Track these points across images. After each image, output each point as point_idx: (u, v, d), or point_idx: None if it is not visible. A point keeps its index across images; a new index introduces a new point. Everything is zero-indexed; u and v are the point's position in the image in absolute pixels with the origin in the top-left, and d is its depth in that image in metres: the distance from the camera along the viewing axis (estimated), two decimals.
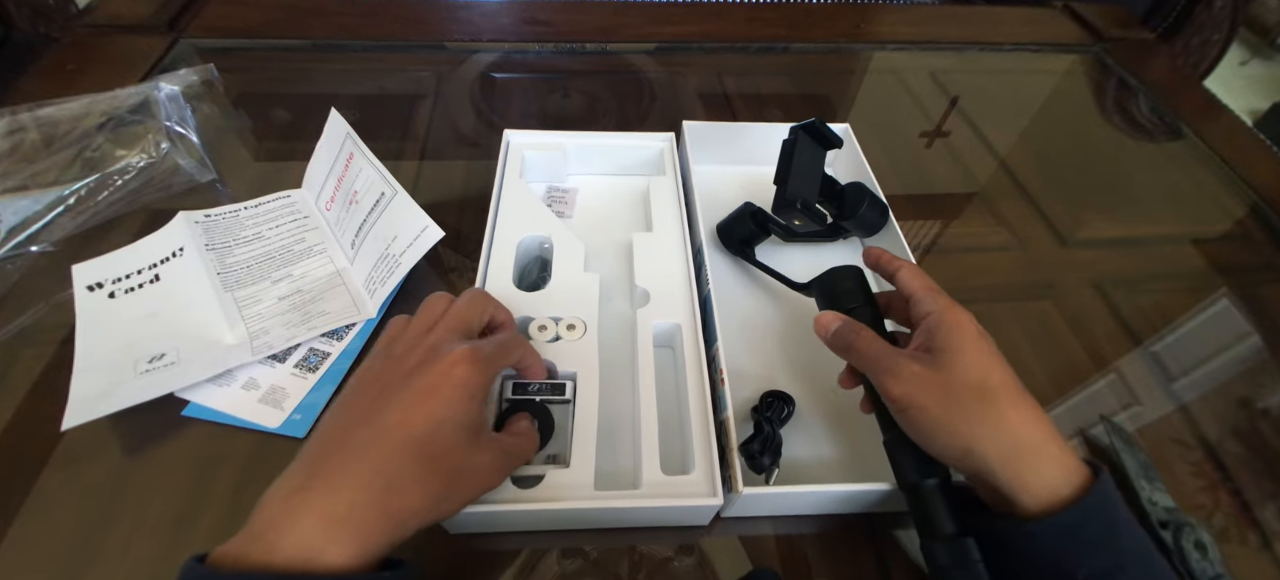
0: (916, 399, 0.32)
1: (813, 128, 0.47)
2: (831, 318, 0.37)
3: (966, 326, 0.33)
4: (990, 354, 0.33)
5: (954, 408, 0.31)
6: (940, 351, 0.33)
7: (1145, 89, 0.79)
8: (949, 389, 0.31)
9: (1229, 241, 0.62)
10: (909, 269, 0.38)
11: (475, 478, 0.30)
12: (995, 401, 0.31)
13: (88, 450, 0.38)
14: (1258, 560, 0.39)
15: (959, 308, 0.35)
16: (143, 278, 0.45)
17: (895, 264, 0.39)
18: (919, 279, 0.37)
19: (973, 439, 0.30)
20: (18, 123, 0.54)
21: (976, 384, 0.31)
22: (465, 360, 0.30)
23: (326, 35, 0.75)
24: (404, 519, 0.27)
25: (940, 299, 0.35)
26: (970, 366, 0.32)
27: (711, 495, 0.34)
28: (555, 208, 0.54)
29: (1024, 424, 0.30)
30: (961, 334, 0.33)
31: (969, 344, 0.32)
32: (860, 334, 0.36)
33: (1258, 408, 0.47)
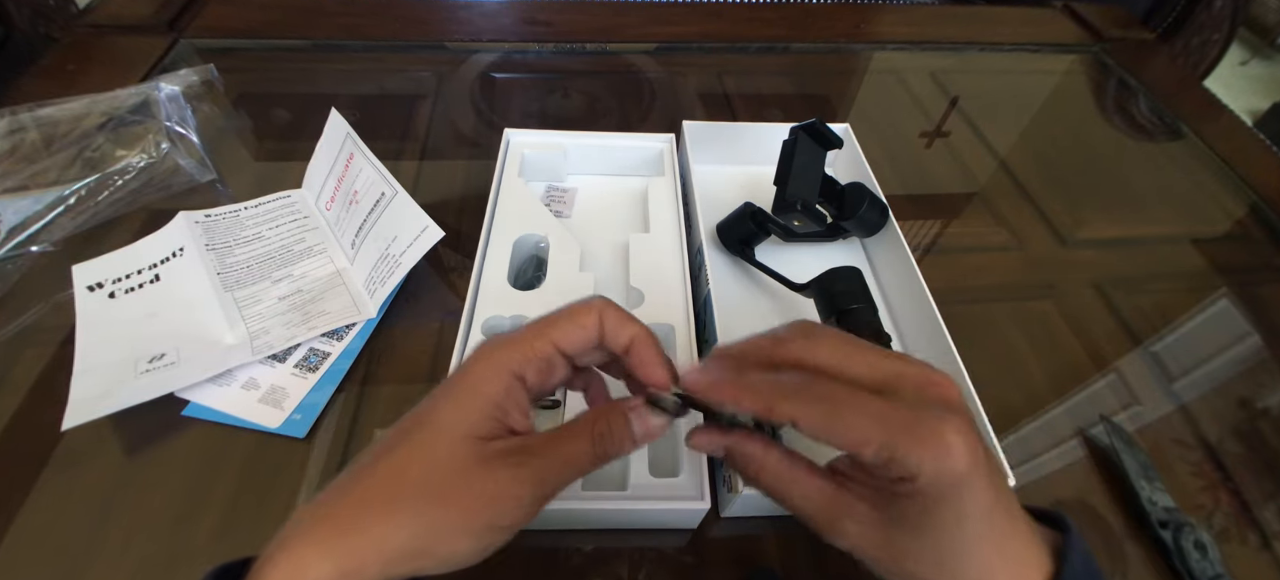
0: (866, 559, 0.24)
1: (813, 128, 0.47)
2: (709, 439, 0.27)
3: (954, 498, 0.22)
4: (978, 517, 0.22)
5: (915, 572, 0.23)
6: (903, 518, 0.23)
7: (1145, 89, 0.79)
8: (903, 560, 0.23)
9: (1229, 241, 0.62)
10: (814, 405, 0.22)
11: (475, 508, 0.22)
12: (959, 572, 0.23)
13: (88, 450, 0.38)
14: (1258, 560, 0.39)
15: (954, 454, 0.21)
16: (143, 278, 0.45)
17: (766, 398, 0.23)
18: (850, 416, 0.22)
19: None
20: (18, 123, 0.54)
21: (941, 563, 0.23)
22: (482, 351, 0.25)
23: (326, 35, 0.75)
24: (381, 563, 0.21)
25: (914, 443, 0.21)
26: (939, 547, 0.23)
27: (699, 498, 0.34)
28: (554, 207, 0.54)
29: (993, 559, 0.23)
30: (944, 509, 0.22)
31: (953, 521, 0.22)
32: (765, 470, 0.26)
33: (1258, 408, 0.47)
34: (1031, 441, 0.44)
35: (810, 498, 0.25)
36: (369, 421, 0.41)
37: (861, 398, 0.22)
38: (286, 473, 0.38)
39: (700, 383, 0.25)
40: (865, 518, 0.24)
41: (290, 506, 0.37)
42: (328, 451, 0.39)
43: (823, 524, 0.25)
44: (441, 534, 0.22)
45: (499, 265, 0.45)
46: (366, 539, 0.21)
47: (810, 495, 0.25)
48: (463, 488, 0.22)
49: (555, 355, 0.25)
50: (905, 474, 0.21)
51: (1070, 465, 0.43)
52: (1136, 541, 0.39)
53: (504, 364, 0.24)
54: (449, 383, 0.25)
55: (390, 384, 0.43)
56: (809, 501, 0.25)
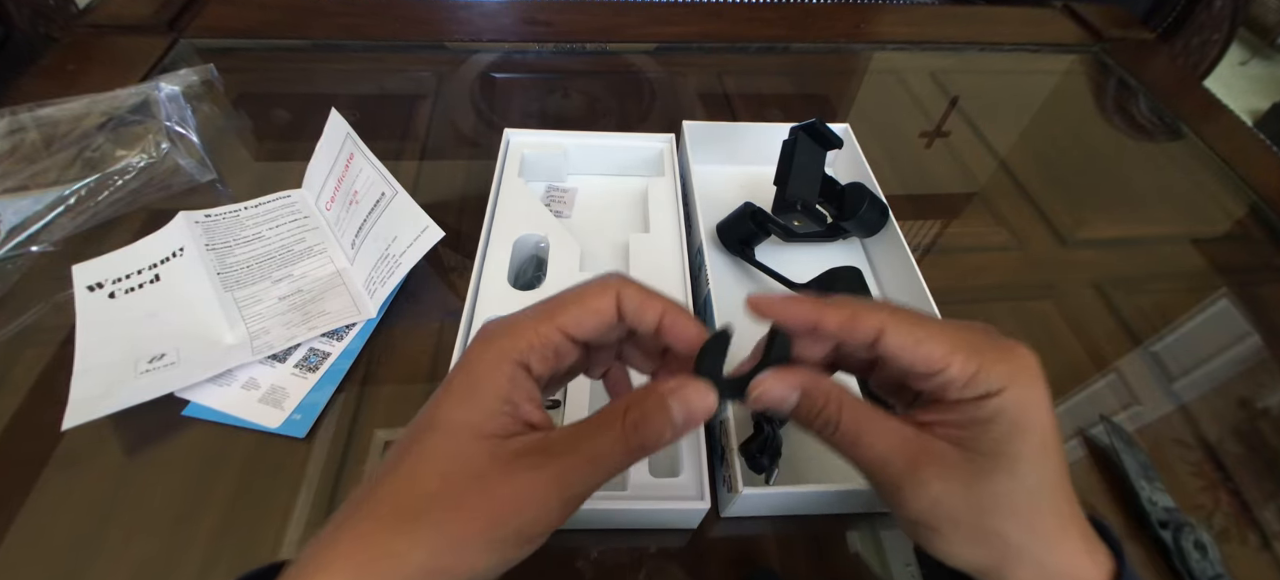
0: (940, 524, 0.22)
1: (813, 128, 0.47)
2: (785, 383, 0.23)
3: (1039, 420, 0.22)
4: (1056, 453, 0.22)
5: (987, 541, 0.22)
6: (992, 458, 0.21)
7: (1145, 89, 0.79)
8: (988, 517, 0.22)
9: (1229, 241, 0.62)
10: (901, 322, 0.22)
11: (497, 515, 0.20)
12: (1042, 531, 0.22)
13: (88, 450, 0.38)
14: (1258, 560, 0.39)
15: (1031, 375, 0.22)
16: (143, 278, 0.45)
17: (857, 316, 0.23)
18: (932, 336, 0.22)
19: (1002, 569, 0.22)
20: (18, 123, 0.54)
21: (1028, 511, 0.22)
22: (480, 338, 0.23)
23: (326, 35, 0.75)
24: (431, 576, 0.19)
25: (999, 366, 0.22)
26: (1029, 488, 0.21)
27: (699, 498, 0.34)
28: (554, 207, 0.54)
29: (1067, 553, 0.22)
30: (1030, 436, 0.21)
31: (1036, 449, 0.21)
32: (845, 411, 0.23)
33: (1258, 408, 0.47)
34: None
35: (892, 443, 0.22)
36: (369, 421, 0.41)
37: (939, 323, 0.23)
38: (286, 473, 0.38)
39: (773, 304, 0.24)
40: (950, 463, 0.22)
41: (290, 506, 0.37)
42: (328, 451, 0.39)
43: (902, 474, 0.22)
44: (462, 549, 0.20)
45: (499, 265, 0.45)
46: (386, 558, 0.19)
47: (893, 440, 0.22)
48: (480, 495, 0.20)
49: (563, 341, 0.23)
50: (991, 390, 0.21)
51: (1070, 465, 0.42)
52: (1136, 541, 0.39)
53: (505, 353, 0.22)
54: (450, 378, 0.22)
55: (390, 384, 0.43)
56: (891, 447, 0.22)
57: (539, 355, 0.22)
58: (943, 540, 0.22)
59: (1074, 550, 0.22)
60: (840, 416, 0.23)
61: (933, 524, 0.22)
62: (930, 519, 0.22)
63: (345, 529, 0.20)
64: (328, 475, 0.38)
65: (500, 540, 0.20)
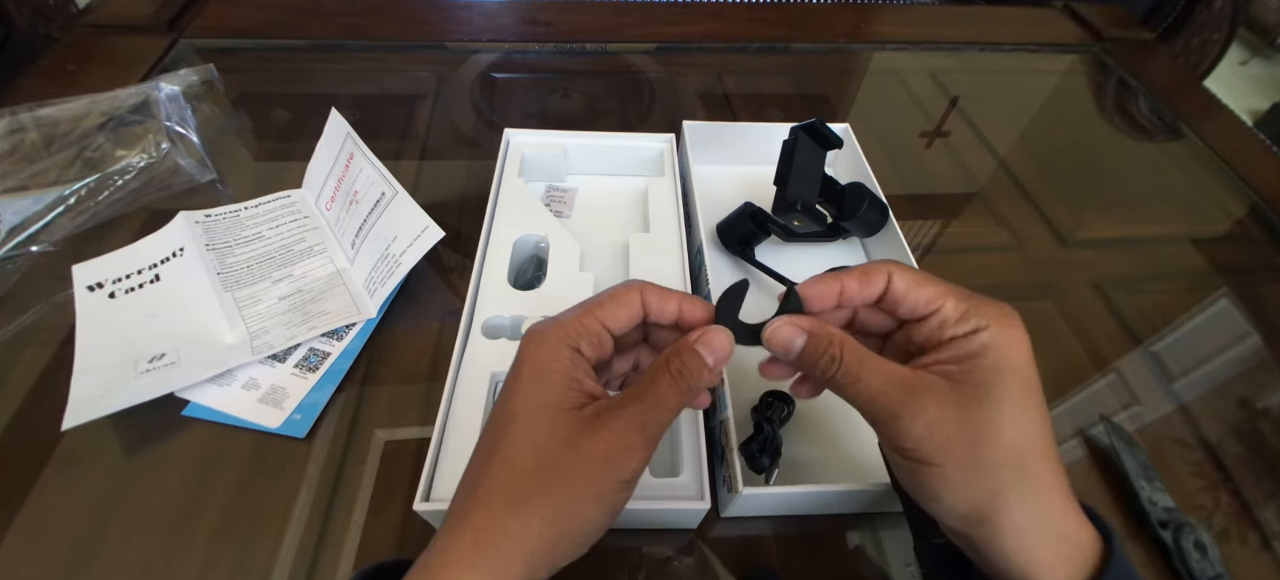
0: (934, 455, 0.24)
1: (813, 128, 0.47)
2: (791, 328, 0.27)
3: (1021, 360, 0.24)
4: (1040, 403, 0.24)
5: (980, 472, 0.23)
6: (979, 389, 0.24)
7: (1145, 89, 0.79)
8: (979, 446, 0.23)
9: (1229, 241, 0.62)
10: (907, 271, 0.27)
11: (595, 468, 0.23)
12: (1032, 474, 0.24)
13: (88, 450, 0.38)
14: (1258, 560, 0.39)
15: (1014, 320, 0.25)
16: (143, 278, 0.45)
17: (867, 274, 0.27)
18: (929, 282, 0.26)
19: (992, 511, 0.23)
20: (18, 123, 0.54)
21: (1017, 448, 0.23)
22: (535, 335, 0.26)
23: (326, 35, 0.75)
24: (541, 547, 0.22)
25: (986, 308, 0.25)
26: (1016, 421, 0.24)
27: (699, 498, 0.34)
28: (554, 207, 0.54)
29: (1054, 504, 0.24)
30: (1013, 372, 0.24)
31: (1020, 386, 0.24)
32: (846, 350, 0.26)
33: (1258, 408, 0.47)
34: None
35: (890, 377, 0.25)
36: (369, 421, 0.41)
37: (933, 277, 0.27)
38: (286, 473, 0.38)
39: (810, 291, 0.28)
40: (942, 392, 0.24)
41: (290, 506, 0.37)
42: (328, 451, 0.39)
43: (902, 403, 0.24)
44: (572, 507, 0.23)
45: (499, 265, 0.45)
46: (506, 541, 0.22)
47: (891, 377, 0.25)
48: (577, 455, 0.23)
49: (603, 331, 0.26)
50: (979, 325, 0.25)
51: (1070, 465, 0.43)
52: (1136, 541, 0.39)
53: (561, 340, 0.25)
54: (516, 375, 0.25)
55: (390, 384, 0.43)
56: (889, 380, 0.25)
57: (587, 341, 0.26)
58: (939, 473, 0.24)
59: (1064, 506, 0.24)
60: (842, 354, 0.26)
61: (927, 454, 0.24)
62: (926, 447, 0.24)
63: (462, 527, 0.23)
64: (328, 475, 0.38)
65: (602, 489, 0.23)
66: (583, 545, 0.24)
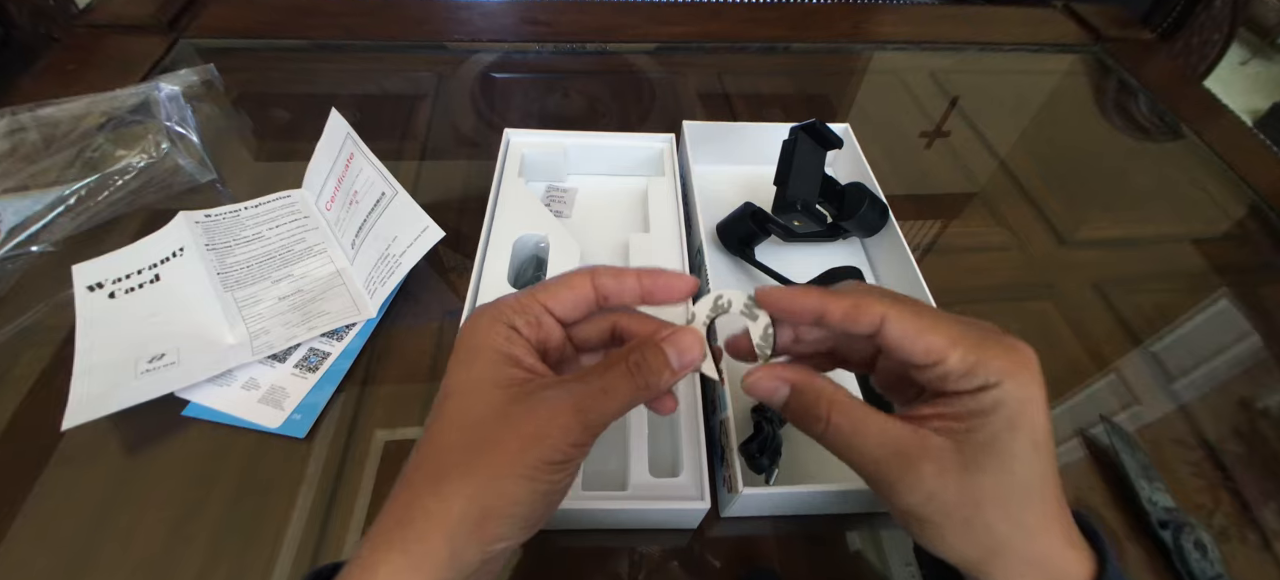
0: (933, 517, 0.22)
1: (813, 128, 0.47)
2: (774, 378, 0.25)
3: (1034, 416, 0.22)
4: (1047, 451, 0.22)
5: (978, 532, 0.22)
6: (984, 451, 0.22)
7: (1145, 89, 0.79)
8: (981, 511, 0.22)
9: (1229, 241, 0.62)
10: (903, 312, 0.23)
11: (522, 444, 0.22)
12: (1030, 528, 0.22)
13: (88, 450, 0.38)
14: (1258, 560, 0.39)
15: (1030, 374, 0.22)
16: (143, 278, 0.45)
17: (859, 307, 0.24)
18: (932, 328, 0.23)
19: (989, 562, 0.22)
20: (18, 123, 0.54)
21: (1018, 508, 0.22)
22: (474, 314, 0.25)
23: (326, 35, 0.75)
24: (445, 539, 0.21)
25: (998, 359, 0.22)
26: (1019, 484, 0.22)
27: (699, 498, 0.34)
28: (554, 207, 0.54)
29: (1050, 548, 0.22)
30: (1024, 432, 0.22)
31: (1029, 446, 0.22)
32: (835, 410, 0.24)
33: (1258, 408, 0.47)
34: None
35: (885, 442, 0.23)
36: (369, 421, 0.41)
37: (942, 313, 0.23)
38: (286, 473, 0.38)
39: (779, 296, 0.25)
40: (944, 458, 0.22)
41: (290, 506, 0.37)
42: (328, 451, 0.39)
43: (898, 469, 0.22)
44: (496, 484, 0.21)
45: (499, 265, 0.45)
46: (426, 518, 0.21)
47: (885, 439, 0.23)
48: (504, 429, 0.22)
49: (543, 312, 0.25)
50: (990, 382, 0.22)
51: (1070, 465, 0.43)
52: (1136, 541, 0.39)
53: (495, 317, 0.24)
54: (453, 357, 0.24)
55: (390, 384, 0.43)
56: (883, 446, 0.23)
57: (524, 319, 0.24)
58: (935, 532, 0.23)
59: (1054, 544, 0.23)
60: (830, 414, 0.24)
61: (925, 517, 0.23)
62: (923, 513, 0.23)
63: (388, 508, 0.22)
64: (328, 475, 0.38)
65: (531, 467, 0.22)
66: (514, 528, 0.22)
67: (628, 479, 0.35)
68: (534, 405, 0.22)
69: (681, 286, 0.26)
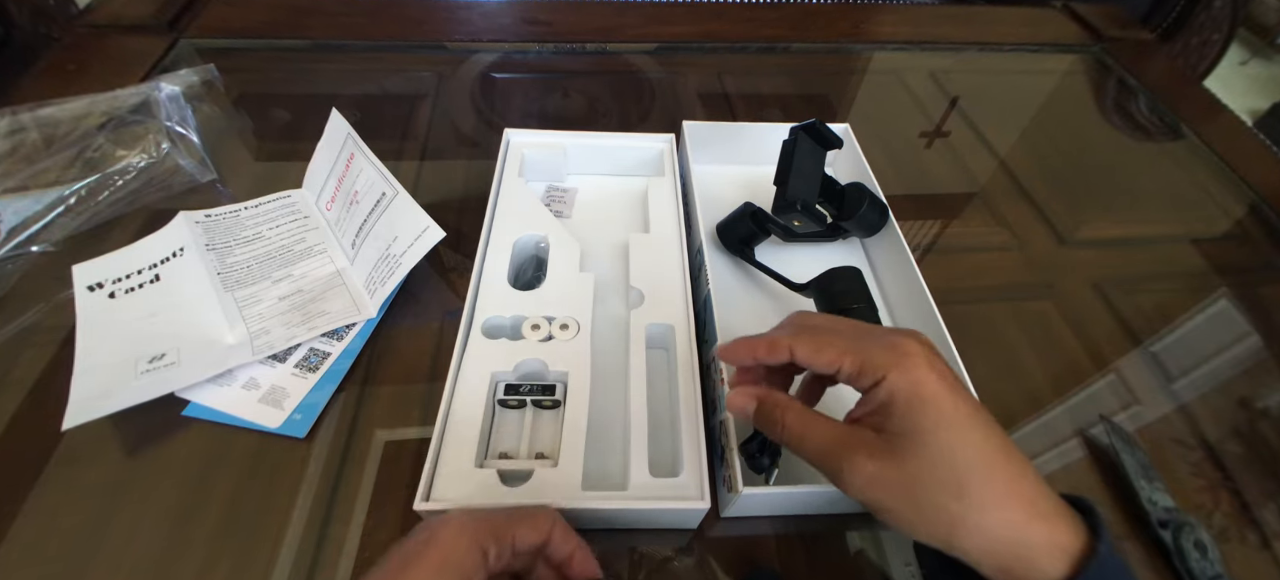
0: (881, 500, 0.26)
1: (813, 128, 0.47)
2: (743, 397, 0.30)
3: (931, 395, 0.25)
4: (969, 423, 0.25)
5: (926, 510, 0.25)
6: (901, 437, 0.25)
7: (1145, 89, 0.79)
8: (916, 489, 0.25)
9: (1229, 241, 0.62)
10: (804, 340, 0.28)
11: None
12: (977, 499, 0.24)
13: (88, 450, 0.38)
14: (1258, 560, 0.39)
15: (914, 360, 0.26)
16: (143, 278, 0.45)
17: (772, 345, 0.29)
18: (828, 344, 0.28)
19: (952, 538, 0.25)
20: (18, 123, 0.54)
21: (952, 481, 0.24)
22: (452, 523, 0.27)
23: (326, 35, 0.75)
24: None
25: (880, 357, 0.26)
26: (942, 457, 0.25)
27: (699, 498, 0.34)
28: (554, 207, 0.54)
29: (1011, 518, 0.24)
30: (925, 411, 0.25)
31: (937, 422, 0.25)
32: (788, 417, 0.28)
33: (1258, 408, 0.47)
34: (1031, 441, 0.44)
35: (827, 437, 0.27)
36: (369, 421, 0.41)
37: (839, 333, 0.28)
38: (287, 473, 0.38)
39: (729, 348, 0.31)
40: (873, 445, 0.26)
41: (290, 507, 0.37)
42: (328, 451, 0.39)
43: (840, 460, 0.26)
44: None
45: (499, 265, 0.45)
46: None
47: (827, 435, 0.27)
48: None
49: (512, 544, 0.28)
50: (877, 378, 0.26)
51: (1070, 465, 0.43)
52: (1136, 541, 0.39)
53: (475, 535, 0.27)
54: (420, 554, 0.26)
55: (390, 384, 0.43)
56: (826, 441, 0.27)
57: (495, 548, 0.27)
58: (895, 517, 0.26)
59: (1014, 516, 0.24)
60: (785, 419, 0.28)
61: (876, 501, 0.26)
62: (872, 496, 0.26)
63: None
64: (328, 475, 0.38)
65: None
66: None
67: (628, 479, 0.35)
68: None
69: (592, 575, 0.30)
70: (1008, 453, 0.25)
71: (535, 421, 0.39)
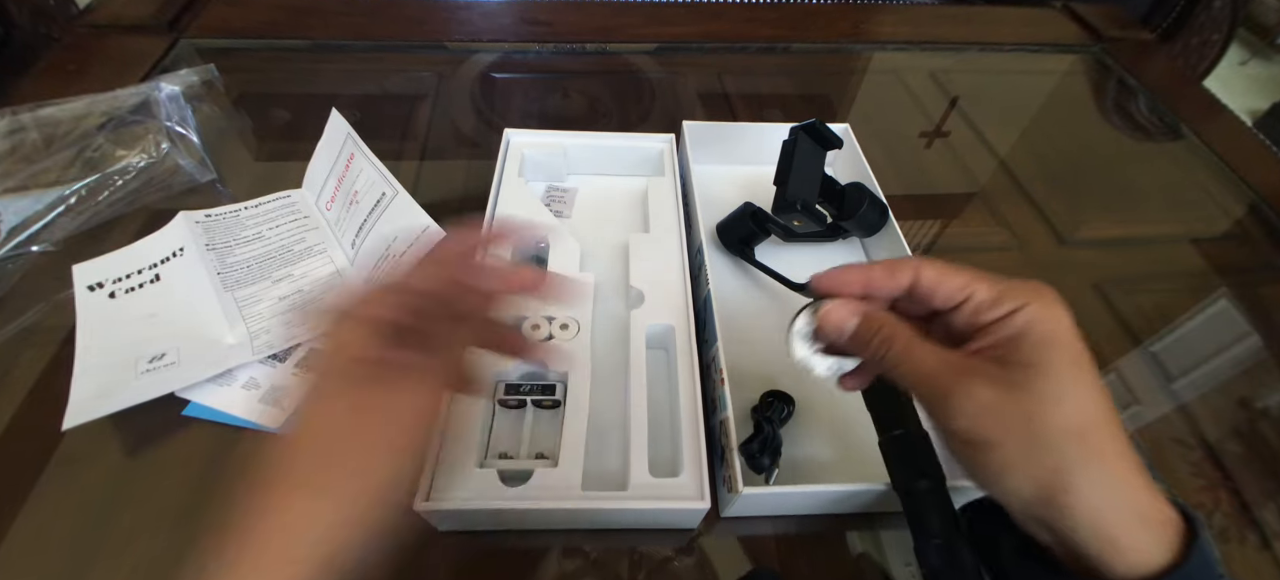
0: (990, 433, 0.24)
1: (813, 128, 0.47)
2: (845, 310, 0.28)
3: (1066, 335, 0.24)
4: (1093, 375, 0.24)
5: (1039, 450, 0.23)
6: (1027, 368, 0.24)
7: (1145, 89, 0.79)
8: (1035, 424, 0.23)
9: (1229, 241, 0.62)
10: (931, 263, 0.27)
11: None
12: (1096, 448, 0.23)
13: (88, 450, 0.38)
14: (1258, 560, 0.39)
15: (1051, 297, 0.25)
16: (143, 278, 0.45)
17: (891, 272, 0.27)
18: (958, 271, 0.26)
19: (1059, 490, 0.23)
20: (18, 123, 0.54)
21: (1075, 423, 0.23)
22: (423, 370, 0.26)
23: (326, 35, 0.75)
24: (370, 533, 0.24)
25: (1020, 289, 0.25)
26: (1069, 396, 0.23)
27: (699, 498, 0.34)
28: (554, 207, 0.54)
29: (1126, 478, 0.23)
30: (1059, 348, 0.24)
31: (1069, 361, 0.24)
32: (897, 336, 0.26)
33: (1258, 408, 0.47)
34: None
35: (940, 360, 0.25)
36: None
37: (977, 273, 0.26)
38: None
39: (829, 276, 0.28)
40: (992, 373, 0.24)
41: None
42: None
43: (950, 381, 0.24)
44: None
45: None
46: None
47: (940, 358, 0.25)
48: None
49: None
50: (1015, 307, 0.24)
51: None
52: None
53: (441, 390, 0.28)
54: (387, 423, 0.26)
55: None
56: (938, 363, 0.25)
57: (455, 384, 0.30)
58: (997, 457, 0.24)
59: (1138, 483, 0.23)
60: (894, 336, 0.26)
61: (984, 434, 0.24)
62: (981, 427, 0.24)
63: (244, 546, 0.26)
64: None
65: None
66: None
67: (628, 479, 0.35)
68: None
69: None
70: (1114, 410, 0.24)
71: (535, 421, 0.39)
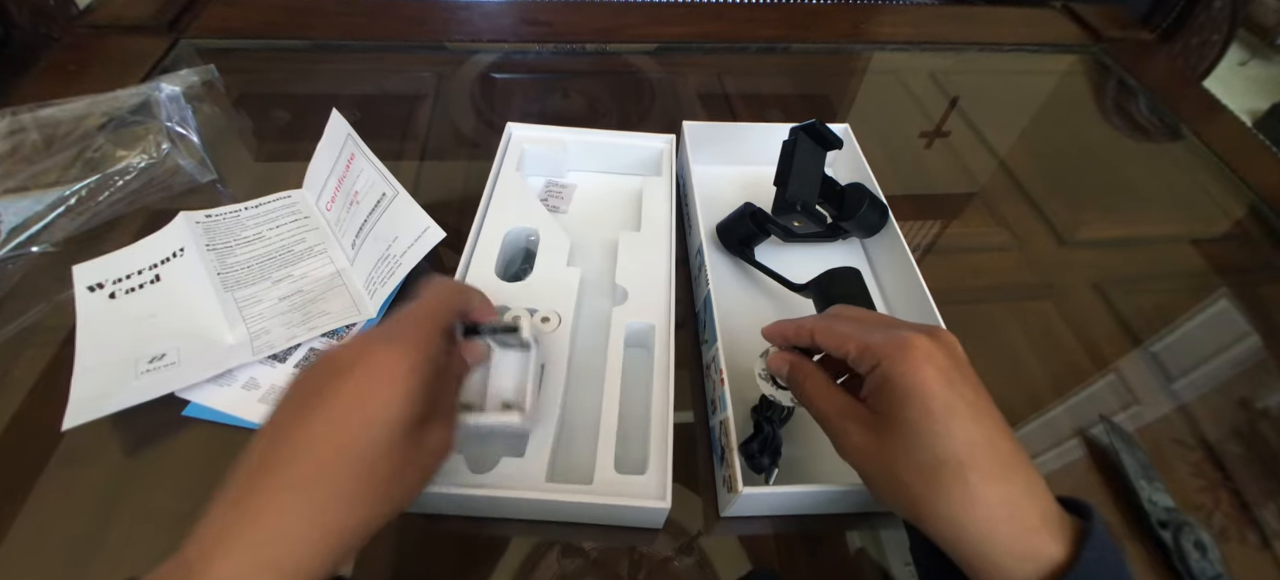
0: (865, 469, 0.29)
1: (812, 129, 0.47)
2: (782, 359, 0.34)
3: (922, 388, 0.26)
4: (955, 414, 0.26)
5: (898, 488, 0.27)
6: (885, 419, 0.27)
7: (1145, 89, 0.79)
8: (894, 467, 0.27)
9: (1229, 241, 0.62)
10: (822, 325, 0.31)
11: (421, 470, 0.28)
12: (954, 484, 0.25)
13: (88, 450, 0.38)
14: (1258, 560, 0.39)
15: (911, 351, 0.27)
16: (143, 278, 0.45)
17: (799, 328, 0.33)
18: (842, 329, 0.30)
19: (926, 519, 0.26)
20: (18, 123, 0.54)
21: (931, 464, 0.26)
22: (386, 340, 0.27)
23: (326, 35, 0.75)
24: (343, 540, 0.24)
25: (883, 343, 0.28)
26: (919, 445, 0.26)
27: (659, 498, 0.34)
28: (551, 202, 0.54)
29: (991, 511, 0.25)
30: (912, 401, 0.26)
31: (921, 413, 0.26)
32: (806, 382, 0.32)
33: (1258, 408, 0.47)
34: (1031, 441, 0.44)
35: (833, 405, 0.30)
36: None
37: (859, 322, 0.31)
38: None
39: (771, 329, 0.35)
40: (866, 421, 0.29)
41: None
42: None
43: (836, 427, 0.30)
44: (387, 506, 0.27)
45: (487, 256, 0.45)
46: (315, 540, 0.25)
47: (833, 403, 0.30)
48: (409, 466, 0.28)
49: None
50: (875, 363, 0.28)
51: (1070, 465, 0.43)
52: (1136, 541, 0.39)
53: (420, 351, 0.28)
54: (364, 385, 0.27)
55: None
56: (831, 407, 0.30)
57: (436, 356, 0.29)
58: (875, 487, 0.29)
59: (991, 517, 0.25)
60: (805, 382, 0.32)
61: (860, 468, 0.29)
62: (858, 463, 0.29)
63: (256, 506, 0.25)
64: None
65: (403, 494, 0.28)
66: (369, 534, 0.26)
67: (593, 473, 0.35)
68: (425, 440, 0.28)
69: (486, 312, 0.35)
70: (995, 452, 0.26)
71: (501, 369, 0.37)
